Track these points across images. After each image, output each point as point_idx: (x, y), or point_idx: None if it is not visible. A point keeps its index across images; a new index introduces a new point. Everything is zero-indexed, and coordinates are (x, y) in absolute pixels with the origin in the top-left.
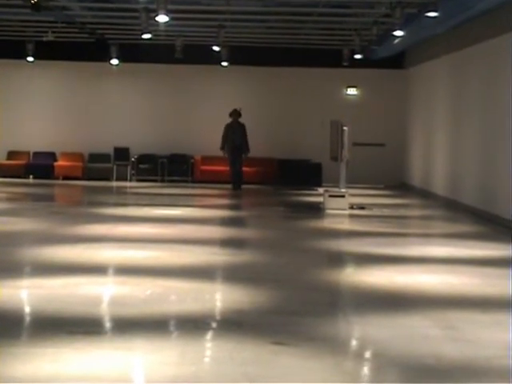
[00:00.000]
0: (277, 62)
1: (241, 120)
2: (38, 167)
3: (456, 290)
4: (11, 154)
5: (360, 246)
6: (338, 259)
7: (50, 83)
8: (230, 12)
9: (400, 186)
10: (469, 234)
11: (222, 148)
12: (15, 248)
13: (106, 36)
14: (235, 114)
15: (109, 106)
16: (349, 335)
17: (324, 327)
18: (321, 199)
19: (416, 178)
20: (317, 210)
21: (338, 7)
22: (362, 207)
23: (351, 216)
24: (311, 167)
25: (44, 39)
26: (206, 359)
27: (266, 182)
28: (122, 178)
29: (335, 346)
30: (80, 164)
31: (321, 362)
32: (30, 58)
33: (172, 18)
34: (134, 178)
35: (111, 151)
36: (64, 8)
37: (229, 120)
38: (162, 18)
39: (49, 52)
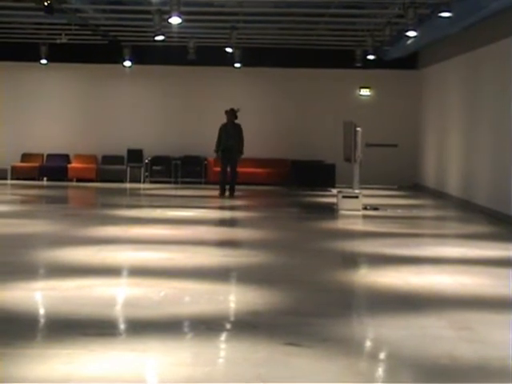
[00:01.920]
0: (290, 63)
1: (237, 121)
2: (52, 169)
3: (470, 290)
4: (25, 157)
5: (374, 246)
6: (352, 260)
7: (64, 85)
8: (242, 13)
9: (413, 186)
10: (483, 235)
11: (217, 151)
12: (29, 250)
13: (119, 38)
14: (230, 113)
15: (122, 107)
16: (362, 336)
17: (338, 328)
18: (334, 200)
19: (429, 179)
20: (330, 210)
21: (350, 8)
22: (375, 208)
23: (365, 217)
24: (324, 168)
25: (57, 42)
26: (220, 360)
27: (279, 183)
28: (135, 179)
29: (349, 347)
30: (93, 166)
31: (334, 363)
32: (44, 61)
33: (185, 20)
34: (147, 179)
35: (125, 153)
36: (77, 10)
37: (217, 120)
38: (174, 20)
39: (62, 54)
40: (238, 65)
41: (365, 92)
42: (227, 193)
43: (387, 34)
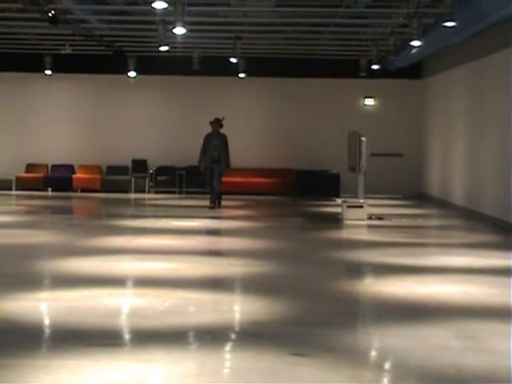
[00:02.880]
0: (294, 73)
1: (222, 131)
2: (57, 180)
3: (476, 300)
4: (30, 167)
5: (379, 256)
6: (357, 270)
7: (68, 96)
8: (246, 23)
9: (418, 196)
10: (488, 244)
11: (200, 162)
12: (34, 261)
13: (124, 48)
14: (215, 123)
15: (126, 118)
16: (368, 346)
17: (343, 338)
18: (339, 210)
19: (434, 188)
20: (335, 220)
21: (354, 18)
22: (380, 217)
23: (369, 226)
24: (329, 178)
25: (62, 52)
26: (225, 370)
27: (284, 193)
28: (140, 190)
29: (354, 357)
30: (98, 176)
31: (340, 373)
32: (48, 71)
33: (189, 30)
34: (152, 189)
35: (129, 163)
36: (81, 21)
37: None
38: (179, 30)
39: (66, 65)
40: (242, 75)
41: (369, 102)
42: (217, 203)
43: (391, 43)
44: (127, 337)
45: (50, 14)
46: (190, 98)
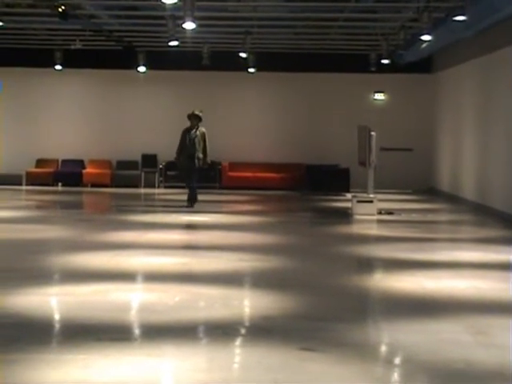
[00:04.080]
0: (304, 68)
1: (201, 125)
2: (67, 175)
3: (486, 295)
4: (40, 162)
5: (389, 251)
6: (367, 265)
7: (78, 91)
8: (256, 18)
9: (428, 190)
10: (498, 239)
11: (177, 158)
12: (44, 255)
13: (134, 43)
14: (193, 117)
15: (136, 113)
16: (378, 341)
17: (353, 333)
18: (349, 205)
19: (444, 183)
20: (345, 215)
21: (364, 12)
22: (390, 212)
23: (379, 221)
24: (339, 172)
25: (72, 47)
26: (235, 365)
27: (293, 188)
28: (150, 184)
29: (364, 352)
30: (108, 171)
31: (349, 368)
32: (58, 67)
33: (199, 25)
34: (161, 184)
35: (139, 158)
36: (91, 16)
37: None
38: (188, 25)
39: (76, 60)
40: (252, 70)
41: (379, 96)
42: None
43: (401, 37)
44: (137, 332)
45: (59, 10)
46: (199, 92)
